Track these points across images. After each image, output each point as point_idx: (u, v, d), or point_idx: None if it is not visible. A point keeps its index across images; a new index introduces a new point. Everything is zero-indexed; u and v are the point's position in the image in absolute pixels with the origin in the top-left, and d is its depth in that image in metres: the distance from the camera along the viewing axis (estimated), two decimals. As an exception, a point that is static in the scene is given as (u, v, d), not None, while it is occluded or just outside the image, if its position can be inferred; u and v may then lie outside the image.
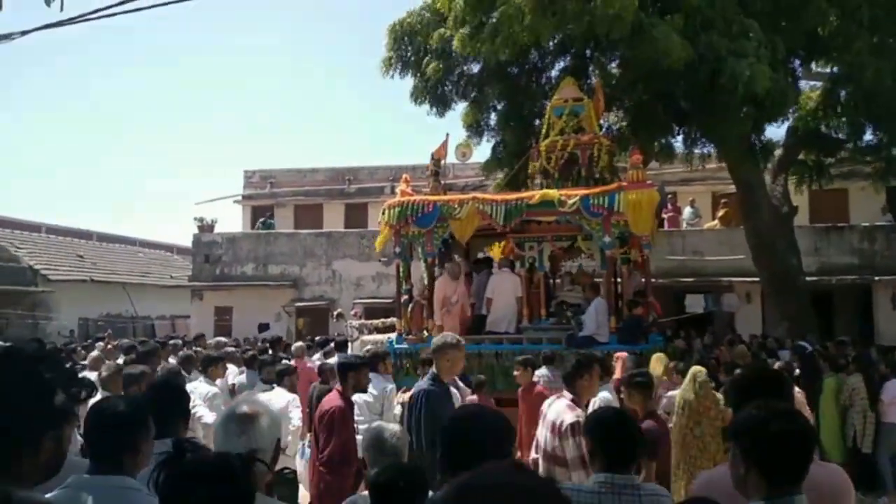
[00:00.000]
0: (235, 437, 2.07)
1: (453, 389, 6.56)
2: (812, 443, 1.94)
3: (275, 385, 6.15)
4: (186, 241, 22.50)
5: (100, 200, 66.47)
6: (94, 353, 10.09)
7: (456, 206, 9.25)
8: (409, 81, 12.80)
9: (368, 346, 9.98)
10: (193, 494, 1.52)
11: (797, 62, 12.42)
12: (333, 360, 8.80)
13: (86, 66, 61.06)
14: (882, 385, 8.23)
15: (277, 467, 5.73)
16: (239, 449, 2.04)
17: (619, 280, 10.84)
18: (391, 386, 6.98)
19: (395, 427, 2.94)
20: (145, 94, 61.44)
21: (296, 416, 6.01)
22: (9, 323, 19.04)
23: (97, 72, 61.11)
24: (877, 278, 15.83)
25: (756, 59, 9.43)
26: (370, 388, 6.26)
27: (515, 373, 7.26)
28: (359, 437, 6.00)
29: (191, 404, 3.22)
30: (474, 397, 6.96)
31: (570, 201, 8.78)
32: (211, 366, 6.52)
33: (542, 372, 7.73)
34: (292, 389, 6.07)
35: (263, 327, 17.83)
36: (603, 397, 5.73)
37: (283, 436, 5.74)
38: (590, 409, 4.80)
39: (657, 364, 7.37)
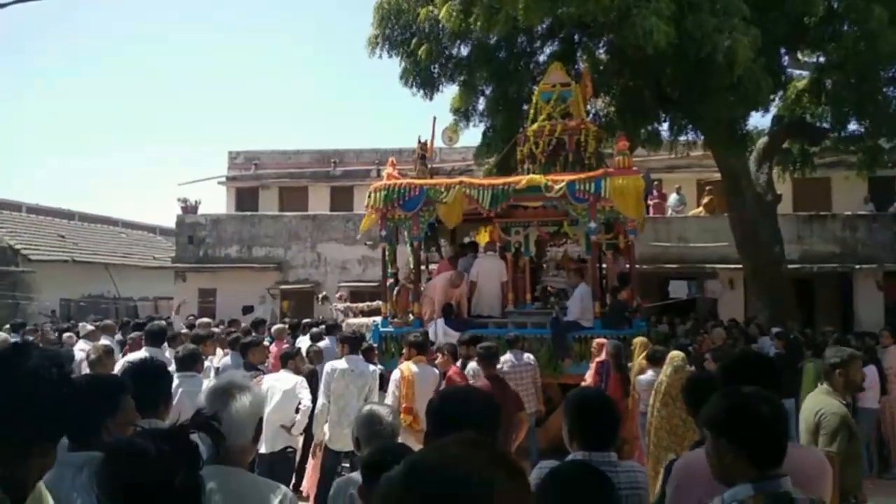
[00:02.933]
0: (222, 410, 2.06)
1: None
2: (787, 423, 1.97)
3: (264, 370, 6.16)
4: (170, 223, 22.34)
5: (82, 180, 65.71)
6: (89, 327, 10.03)
7: (443, 189, 9.24)
8: (395, 62, 12.70)
9: (353, 329, 10.01)
10: (117, 480, 1.51)
11: (783, 51, 12.46)
12: (323, 343, 8.79)
13: (68, 43, 60.11)
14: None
15: (280, 446, 5.80)
16: (224, 423, 2.04)
17: (603, 266, 10.90)
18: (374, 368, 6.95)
19: (387, 408, 2.94)
20: (129, 72, 60.62)
21: (305, 397, 6.06)
22: (-11, 303, 18.83)
23: (80, 49, 60.19)
24: (857, 266, 16.03)
25: (740, 35, 9.43)
26: (348, 364, 6.29)
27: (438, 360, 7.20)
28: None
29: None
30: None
31: (557, 186, 8.80)
32: (200, 343, 6.57)
33: (506, 357, 7.78)
34: (297, 371, 6.12)
35: (248, 310, 17.74)
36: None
37: (289, 416, 5.83)
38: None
39: (640, 349, 7.45)
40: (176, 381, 4.84)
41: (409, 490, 0.91)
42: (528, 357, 7.88)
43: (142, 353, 5.54)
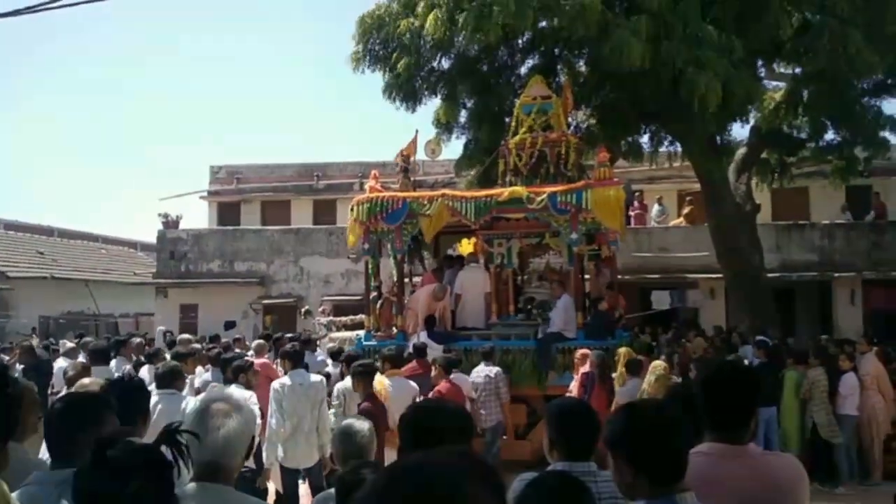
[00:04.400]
0: (214, 430, 2.05)
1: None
2: (684, 433, 1.95)
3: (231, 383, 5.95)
4: (151, 238, 22.14)
5: (61, 196, 65.01)
6: (69, 344, 9.93)
7: (426, 202, 9.27)
8: (379, 76, 12.73)
9: (335, 343, 9.97)
10: (101, 489, 1.51)
11: (759, 63, 12.65)
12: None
13: (46, 57, 59.63)
14: (840, 378, 8.45)
15: None
16: (217, 443, 2.02)
17: (586, 276, 10.96)
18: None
19: (363, 425, 2.93)
20: (108, 87, 60.22)
21: (257, 414, 5.85)
22: (-34, 321, 18.54)
23: (58, 64, 59.74)
24: (836, 275, 16.23)
25: (714, 73, 9.60)
26: (294, 379, 6.12)
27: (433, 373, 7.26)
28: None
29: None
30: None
31: (539, 198, 8.86)
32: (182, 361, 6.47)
33: (480, 368, 7.86)
34: (248, 386, 5.85)
35: (230, 325, 17.60)
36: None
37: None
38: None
39: (624, 359, 7.49)
40: (155, 399, 4.78)
41: (386, 495, 0.91)
42: (495, 369, 7.92)
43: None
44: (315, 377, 6.43)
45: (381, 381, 6.14)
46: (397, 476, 0.93)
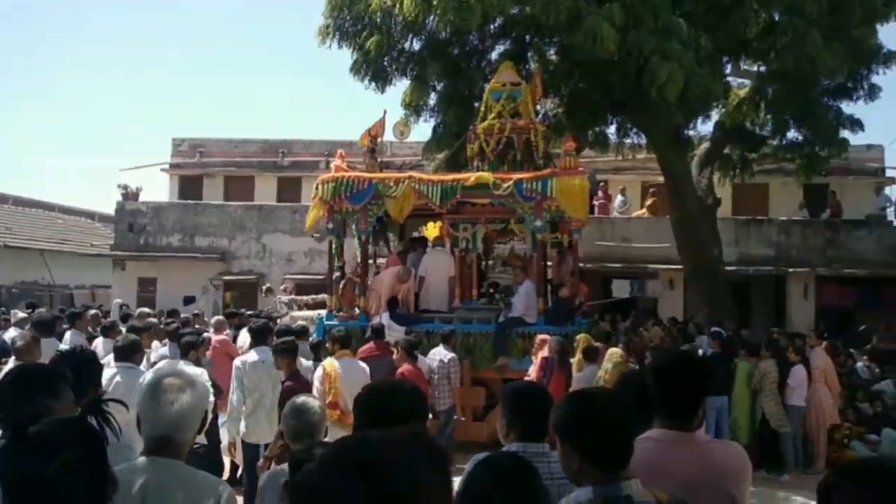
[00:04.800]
0: (167, 405, 2.03)
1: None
2: (631, 423, 1.98)
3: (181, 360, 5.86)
4: (109, 209, 21.65)
5: (14, 162, 63.07)
6: (21, 314, 9.67)
7: (392, 184, 9.23)
8: (347, 53, 12.56)
9: (299, 322, 9.90)
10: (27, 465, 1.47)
11: (725, 59, 12.82)
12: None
13: (5, 16, 57.56)
14: (790, 370, 8.71)
15: None
16: (170, 417, 2.00)
17: (548, 263, 11.05)
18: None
19: (315, 402, 2.92)
20: (69, 49, 58.45)
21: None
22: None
23: (16, 25, 57.71)
24: (790, 270, 16.65)
25: (678, 65, 9.66)
26: (259, 356, 6.10)
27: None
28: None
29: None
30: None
31: (505, 185, 8.90)
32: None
33: (438, 350, 7.89)
34: (197, 363, 5.78)
35: (189, 300, 17.37)
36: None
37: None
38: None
39: (582, 345, 7.60)
40: (113, 371, 4.71)
41: (329, 467, 0.92)
42: (450, 355, 7.94)
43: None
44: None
45: (331, 363, 6.13)
46: (342, 450, 0.95)
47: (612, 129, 14.47)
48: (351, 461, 0.91)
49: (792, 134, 13.80)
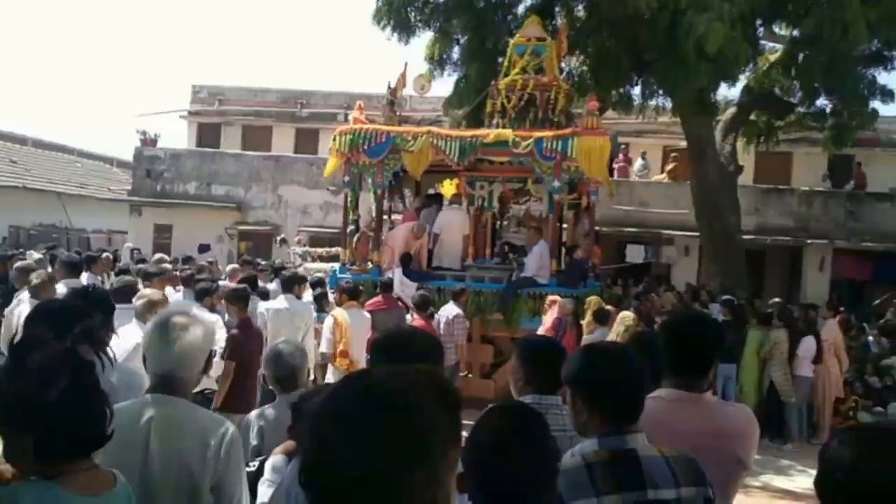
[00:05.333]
0: (170, 343, 2.04)
1: None
2: (639, 376, 1.97)
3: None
4: (128, 155, 21.68)
5: (36, 105, 63.20)
6: (37, 255, 9.78)
7: (410, 138, 9.13)
8: (370, 2, 12.34)
9: (316, 274, 9.96)
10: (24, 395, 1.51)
11: (759, 23, 12.47)
12: (272, 286, 8.74)
13: (24, -43, 57.00)
14: (801, 340, 8.67)
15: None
16: (173, 354, 2.02)
17: (564, 225, 10.97)
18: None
19: (291, 347, 2.91)
20: (89, -6, 57.89)
21: (221, 337, 5.80)
22: (-67, 225, 18.18)
23: (37, -35, 57.15)
24: (808, 241, 16.45)
25: (717, 17, 9.39)
26: (285, 303, 6.27)
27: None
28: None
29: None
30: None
31: (525, 143, 8.77)
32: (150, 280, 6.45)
33: (447, 307, 7.91)
34: (212, 310, 5.88)
35: (204, 248, 17.49)
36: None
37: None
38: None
39: (593, 308, 7.59)
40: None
41: (336, 395, 0.92)
42: (454, 312, 7.96)
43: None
44: (303, 304, 6.53)
45: (341, 313, 6.21)
46: (349, 381, 0.94)
47: (636, 91, 14.22)
48: (359, 392, 0.91)
49: (820, 102, 13.50)
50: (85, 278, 7.74)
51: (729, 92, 14.60)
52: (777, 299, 11.58)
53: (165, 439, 1.97)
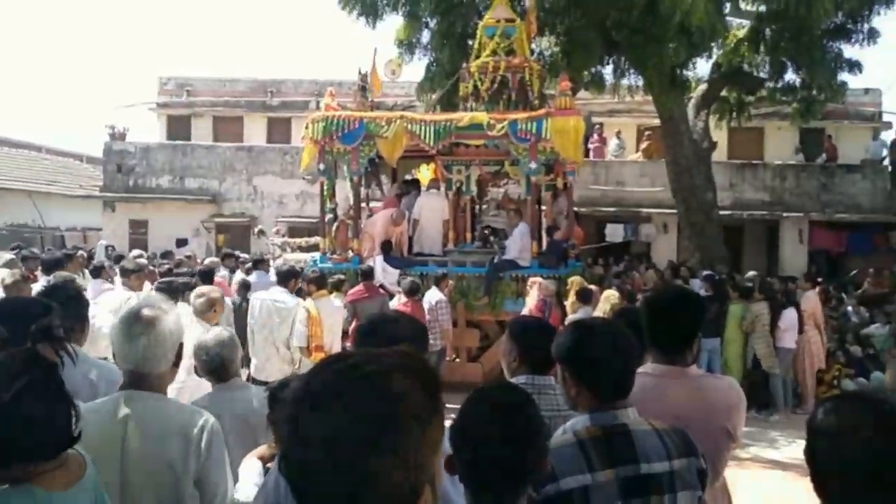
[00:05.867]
0: (136, 338, 1.99)
1: None
2: (627, 351, 1.97)
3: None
4: (97, 151, 21.30)
5: (0, 102, 61.82)
6: (7, 256, 9.60)
7: (383, 124, 9.04)
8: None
9: (300, 264, 9.87)
10: None
11: (726, -2, 12.52)
12: (252, 277, 8.67)
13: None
14: (781, 313, 8.77)
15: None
16: (137, 352, 1.97)
17: (542, 206, 10.98)
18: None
19: (223, 335, 2.84)
20: (50, -12, 56.62)
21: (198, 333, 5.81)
22: None
23: (-6, -41, 55.61)
24: (784, 214, 16.64)
25: None
26: (280, 297, 6.26)
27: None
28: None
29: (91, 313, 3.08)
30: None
31: (499, 125, 8.73)
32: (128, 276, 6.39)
33: (430, 293, 7.89)
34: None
35: (181, 243, 17.29)
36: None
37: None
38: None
39: (575, 288, 7.60)
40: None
41: (314, 375, 0.90)
42: (437, 297, 7.95)
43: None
44: (295, 298, 6.46)
45: (312, 305, 6.16)
46: (326, 364, 0.93)
47: (608, 70, 14.22)
48: (335, 373, 0.89)
49: (789, 76, 13.61)
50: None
51: (699, 69, 14.67)
52: (755, 273, 11.72)
53: (143, 435, 1.93)
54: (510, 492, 1.57)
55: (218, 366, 2.70)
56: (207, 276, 6.90)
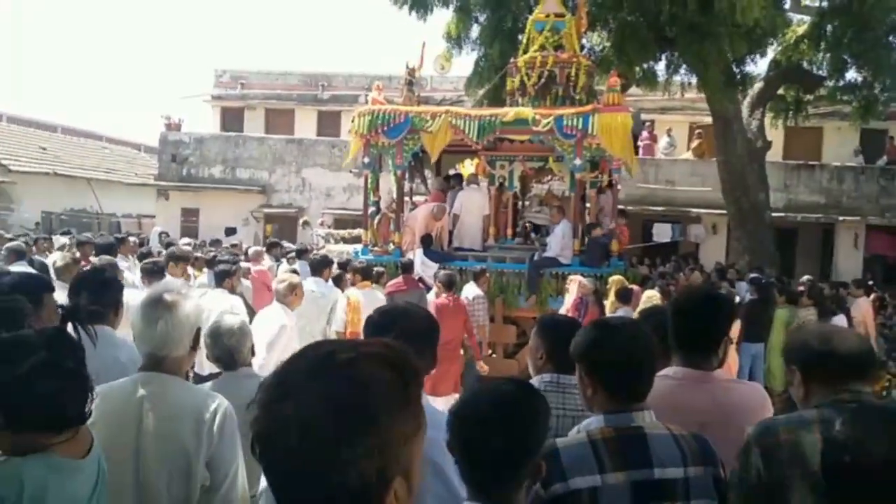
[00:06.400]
0: (153, 322, 2.05)
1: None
2: (644, 352, 1.92)
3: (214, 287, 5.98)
4: (154, 140, 21.92)
5: (65, 93, 64.13)
6: (64, 240, 10.00)
7: (428, 118, 9.04)
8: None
9: (343, 256, 10.00)
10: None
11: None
12: (295, 266, 8.80)
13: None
14: (831, 319, 8.48)
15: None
16: (154, 335, 2.03)
17: (587, 204, 10.85)
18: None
19: (234, 321, 2.86)
20: (115, -19, 58.38)
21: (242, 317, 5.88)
22: (-32, 212, 18.60)
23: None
24: (840, 218, 16.09)
25: None
26: (313, 286, 6.35)
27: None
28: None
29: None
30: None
31: (545, 121, 8.63)
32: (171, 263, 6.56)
33: (468, 287, 7.84)
34: (233, 291, 5.90)
35: (230, 231, 17.69)
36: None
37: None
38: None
39: (614, 287, 7.51)
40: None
41: (290, 363, 0.92)
42: (474, 293, 7.88)
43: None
44: (334, 289, 6.58)
45: (354, 293, 6.24)
46: (303, 352, 0.94)
47: (661, 67, 13.96)
48: (308, 361, 0.91)
49: (851, 75, 13.17)
50: (118, 260, 7.87)
51: (756, 66, 14.28)
52: (808, 277, 11.37)
53: (157, 416, 1.98)
54: (502, 485, 1.57)
55: (225, 354, 2.74)
56: (318, 267, 6.96)
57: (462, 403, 1.64)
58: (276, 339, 4.47)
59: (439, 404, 4.88)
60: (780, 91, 14.46)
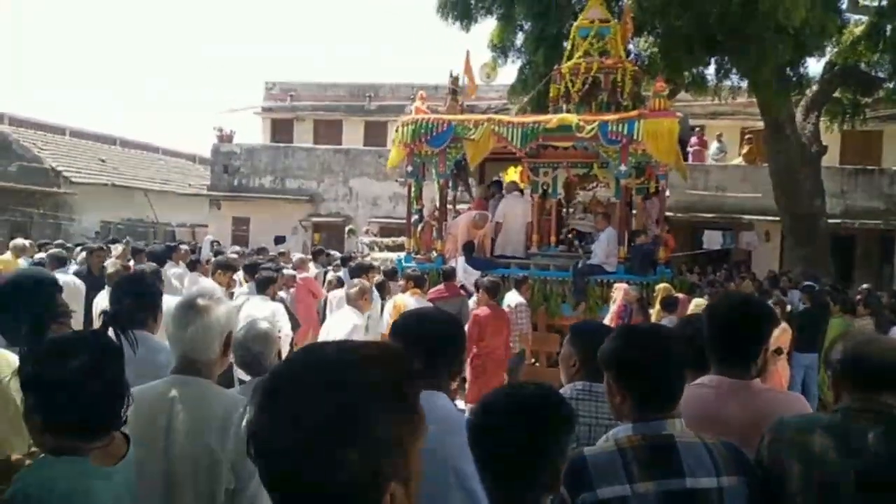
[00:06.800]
0: (184, 326, 2.10)
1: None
2: (672, 360, 1.87)
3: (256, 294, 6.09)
4: (206, 151, 22.52)
5: (122, 106, 66.40)
6: (120, 247, 10.37)
7: (471, 126, 9.06)
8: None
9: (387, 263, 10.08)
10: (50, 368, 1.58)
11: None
12: (340, 273, 8.91)
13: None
14: (890, 330, 8.14)
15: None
16: (184, 338, 2.07)
17: (633, 211, 10.69)
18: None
19: (253, 332, 2.89)
20: (171, 2, 60.31)
21: (285, 326, 5.91)
22: (32, 222, 19.37)
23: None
24: (901, 225, 15.49)
25: None
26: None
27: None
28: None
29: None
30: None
31: (589, 127, 8.55)
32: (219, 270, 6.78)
33: (510, 295, 7.78)
34: (274, 298, 6.04)
35: (279, 240, 17.98)
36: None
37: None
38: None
39: (660, 295, 7.37)
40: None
41: (285, 365, 0.93)
42: (516, 301, 7.80)
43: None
44: (375, 295, 6.75)
45: (402, 299, 6.32)
46: (298, 355, 0.95)
47: (710, 71, 13.67)
48: (303, 365, 0.91)
49: (912, 76, 12.66)
50: (167, 267, 8.11)
51: (810, 69, 13.90)
52: (865, 286, 10.95)
53: (188, 419, 2.02)
54: (519, 494, 1.55)
55: (251, 359, 2.78)
56: (357, 272, 7.32)
57: (479, 407, 1.63)
58: (349, 337, 4.67)
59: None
60: (837, 94, 14.01)
